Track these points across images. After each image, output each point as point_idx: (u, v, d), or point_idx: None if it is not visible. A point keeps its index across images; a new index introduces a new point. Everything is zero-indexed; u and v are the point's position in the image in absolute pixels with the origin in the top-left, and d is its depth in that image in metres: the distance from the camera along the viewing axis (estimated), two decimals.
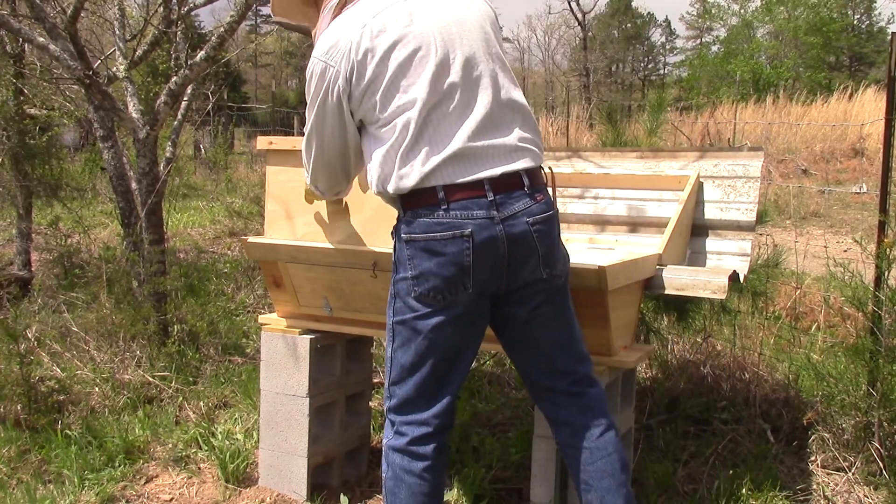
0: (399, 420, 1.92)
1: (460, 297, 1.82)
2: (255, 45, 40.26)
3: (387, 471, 1.93)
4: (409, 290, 1.83)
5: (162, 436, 3.16)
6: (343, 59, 1.81)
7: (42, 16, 3.95)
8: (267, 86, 34.18)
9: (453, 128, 1.80)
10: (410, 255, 1.82)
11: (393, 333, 1.90)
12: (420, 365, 1.87)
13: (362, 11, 1.84)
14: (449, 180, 1.77)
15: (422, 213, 1.79)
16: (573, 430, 1.97)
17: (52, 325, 4.13)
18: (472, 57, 1.84)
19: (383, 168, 1.82)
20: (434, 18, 1.84)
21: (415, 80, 1.79)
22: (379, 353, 3.83)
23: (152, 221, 4.13)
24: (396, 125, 1.79)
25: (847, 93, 16.02)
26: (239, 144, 17.78)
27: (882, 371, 2.72)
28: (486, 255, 1.79)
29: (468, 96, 1.82)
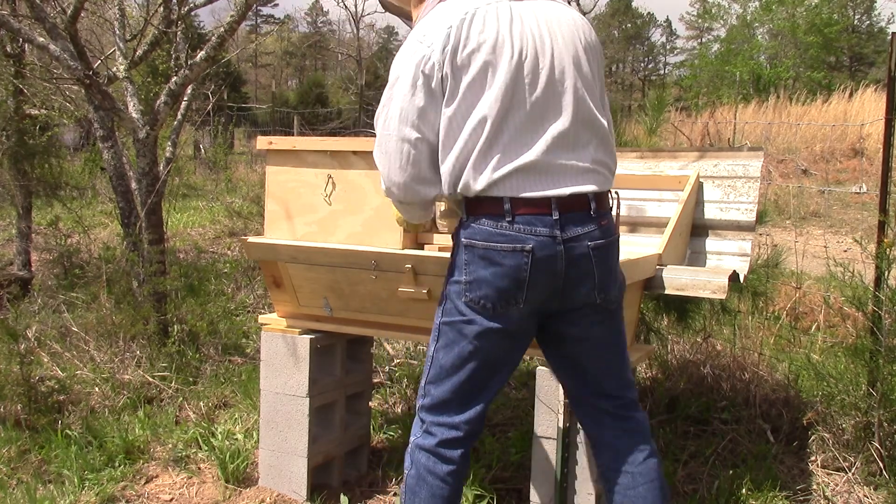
0: (430, 420, 1.90)
1: (511, 311, 1.80)
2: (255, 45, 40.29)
3: (410, 468, 1.92)
4: (460, 293, 1.82)
5: (162, 436, 3.16)
6: (439, 42, 1.77)
7: (42, 16, 3.95)
8: (267, 86, 34.19)
9: (529, 138, 1.77)
10: (467, 261, 1.80)
11: (438, 333, 1.88)
12: (459, 368, 1.86)
13: (467, 2, 1.82)
14: (517, 192, 1.75)
15: (485, 221, 1.77)
16: (616, 454, 1.95)
17: (52, 325, 4.14)
18: (560, 71, 1.81)
19: (455, 167, 1.79)
20: (534, 26, 1.82)
21: (500, 82, 1.76)
22: (379, 353, 3.83)
23: (152, 221, 4.13)
24: (473, 123, 1.77)
25: (847, 93, 16.01)
26: (239, 144, 17.80)
27: (882, 371, 2.72)
28: (543, 273, 1.77)
29: (548, 109, 1.78)
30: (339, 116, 23.03)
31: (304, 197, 2.55)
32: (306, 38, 51.04)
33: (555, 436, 2.29)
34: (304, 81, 37.05)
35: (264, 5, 49.42)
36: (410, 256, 2.38)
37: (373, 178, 2.43)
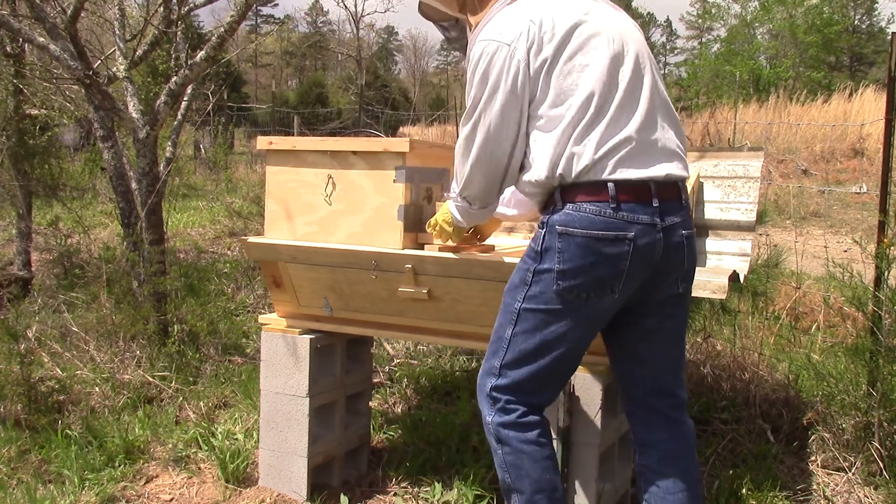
0: (506, 398, 1.90)
1: (604, 300, 1.79)
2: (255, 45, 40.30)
3: (501, 448, 1.90)
4: (551, 282, 1.80)
5: (162, 436, 3.16)
6: (521, 36, 1.79)
7: (42, 16, 3.95)
8: (267, 86, 34.20)
9: (627, 114, 1.79)
10: (562, 248, 1.78)
11: (517, 317, 1.87)
12: (541, 355, 1.85)
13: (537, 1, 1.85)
14: (618, 172, 1.75)
15: (587, 208, 1.75)
16: (661, 456, 1.95)
17: (52, 325, 4.14)
18: (639, 55, 1.85)
19: (556, 149, 1.78)
20: (608, 15, 1.88)
21: (593, 61, 1.78)
22: (379, 353, 3.83)
23: (152, 221, 4.13)
24: (573, 103, 1.76)
25: (847, 93, 16.02)
26: (239, 144, 17.79)
27: (882, 371, 2.72)
28: (642, 262, 1.77)
29: (635, 89, 1.81)
30: (339, 116, 23.03)
31: (304, 197, 2.55)
32: (306, 38, 51.06)
33: (555, 436, 2.29)
34: (304, 81, 37.07)
35: (264, 5, 49.44)
36: (410, 256, 2.38)
37: (373, 178, 2.44)
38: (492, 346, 1.94)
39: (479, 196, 1.97)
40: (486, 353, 1.96)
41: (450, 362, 3.89)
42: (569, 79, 1.78)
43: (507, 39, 1.80)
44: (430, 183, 2.52)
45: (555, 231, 1.79)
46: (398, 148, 2.40)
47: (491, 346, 1.94)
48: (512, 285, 1.90)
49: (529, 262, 1.86)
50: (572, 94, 1.77)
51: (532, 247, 1.87)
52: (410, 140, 2.41)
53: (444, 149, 2.66)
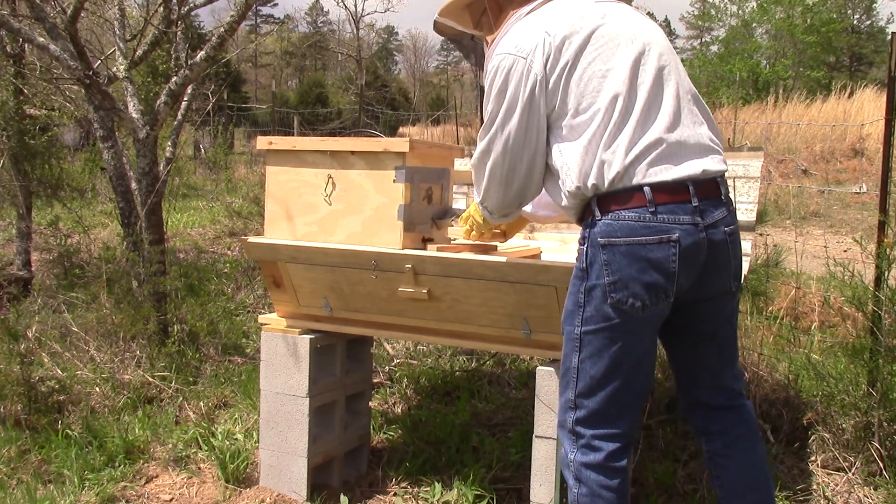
0: (590, 434, 1.84)
1: (660, 306, 1.77)
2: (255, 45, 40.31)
3: (579, 487, 1.86)
4: (604, 297, 1.76)
5: (162, 436, 3.16)
6: (537, 49, 1.77)
7: (42, 16, 3.95)
8: (267, 86, 34.21)
9: (650, 116, 1.76)
10: (607, 261, 1.74)
11: (581, 343, 1.82)
12: (614, 376, 1.80)
13: (553, 11, 1.84)
14: (652, 175, 1.72)
15: (626, 216, 1.73)
16: (728, 440, 1.94)
17: (52, 325, 4.13)
18: (661, 54, 1.83)
19: (585, 159, 1.75)
20: (626, 18, 1.86)
21: (614, 65, 1.76)
22: (379, 353, 3.83)
23: (152, 221, 4.13)
24: (597, 109, 1.74)
25: (847, 92, 16.02)
26: (239, 144, 17.79)
27: (882, 371, 2.72)
28: (689, 263, 1.75)
29: (659, 88, 1.79)
30: (339, 116, 23.03)
31: (304, 197, 2.55)
32: (306, 38, 51.06)
33: (555, 436, 2.29)
34: (304, 81, 37.08)
35: (264, 5, 49.45)
36: (410, 256, 2.38)
37: (373, 178, 2.44)
38: (562, 379, 1.89)
39: (498, 208, 1.97)
40: (559, 388, 1.92)
41: (450, 362, 3.89)
42: (590, 85, 1.76)
43: (523, 53, 1.79)
44: (430, 183, 2.52)
45: (597, 244, 1.76)
46: (398, 148, 2.40)
47: (562, 380, 1.89)
48: (567, 312, 1.86)
49: (578, 283, 1.82)
50: (595, 100, 1.75)
51: (577, 266, 1.83)
52: (410, 140, 2.41)
53: (443, 149, 2.66)
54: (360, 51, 43.13)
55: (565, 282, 2.19)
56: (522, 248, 2.65)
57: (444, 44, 58.70)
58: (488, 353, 3.82)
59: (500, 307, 2.34)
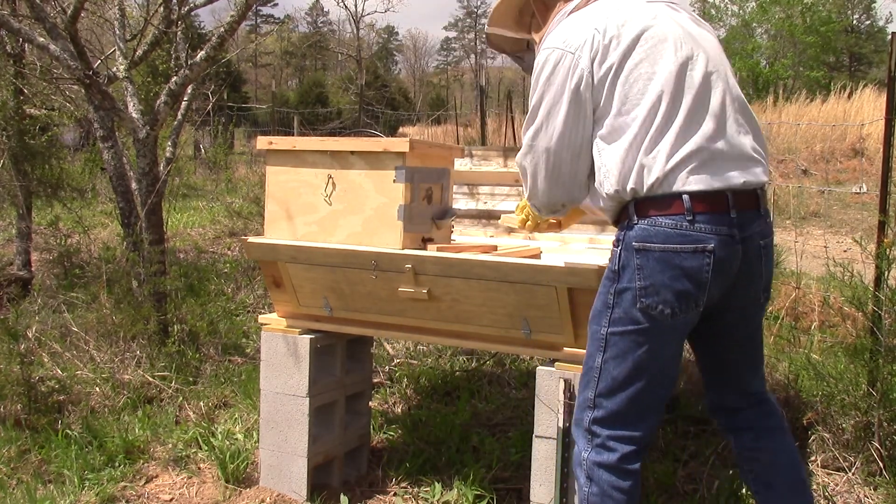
0: (606, 434, 1.84)
1: (690, 314, 1.77)
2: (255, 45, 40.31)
3: (590, 486, 1.86)
4: (633, 300, 1.76)
5: (162, 436, 3.16)
6: (585, 45, 1.75)
7: (42, 16, 3.95)
8: (267, 86, 34.21)
9: (698, 121, 1.74)
10: (640, 265, 1.74)
11: (606, 343, 1.82)
12: (636, 379, 1.80)
13: (603, 8, 1.82)
14: (692, 184, 1.70)
15: (662, 222, 1.71)
16: (757, 434, 1.95)
17: (52, 325, 4.13)
18: (710, 58, 1.80)
19: (625, 162, 1.74)
20: (677, 20, 1.83)
21: (661, 68, 1.74)
22: (379, 353, 3.83)
23: (152, 221, 4.13)
24: (639, 112, 1.72)
25: (846, 92, 16.02)
26: (239, 144, 17.79)
27: (882, 371, 2.72)
28: (722, 273, 1.74)
29: (705, 94, 1.76)
30: (339, 116, 23.03)
31: (304, 197, 2.55)
32: (306, 38, 51.06)
33: (555, 436, 2.29)
34: (304, 81, 37.08)
35: (264, 5, 49.44)
36: (410, 256, 2.38)
37: (373, 178, 2.44)
38: (583, 377, 1.89)
39: (546, 205, 1.95)
40: (579, 385, 1.92)
41: (450, 362, 3.89)
42: (635, 87, 1.74)
43: (571, 48, 1.77)
44: (430, 183, 2.52)
45: (631, 248, 1.75)
46: (398, 148, 2.40)
47: (583, 378, 1.89)
48: (595, 312, 1.86)
49: (608, 284, 1.82)
50: (639, 103, 1.73)
51: (609, 267, 1.82)
52: (410, 140, 2.41)
53: (443, 149, 2.66)
54: (360, 51, 43.13)
55: (565, 282, 2.20)
56: (522, 248, 2.65)
57: (444, 44, 58.75)
58: (488, 353, 3.82)
59: (500, 307, 2.34)
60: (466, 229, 3.17)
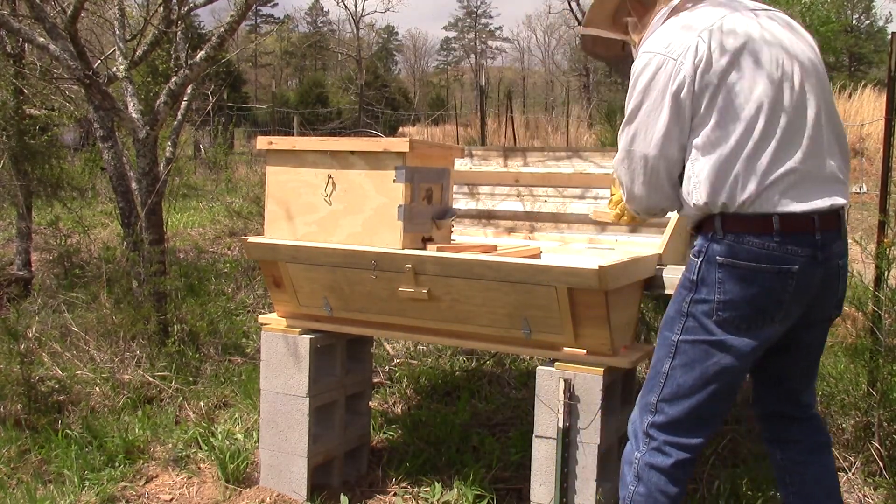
0: (663, 438, 1.86)
1: (765, 330, 1.77)
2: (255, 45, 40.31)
3: (637, 485, 1.88)
4: (710, 312, 1.76)
5: (162, 436, 3.16)
6: (689, 52, 1.73)
7: (42, 16, 3.95)
8: (267, 86, 34.21)
9: (792, 140, 1.73)
10: (721, 279, 1.74)
11: (675, 350, 1.83)
12: (701, 389, 1.81)
13: (706, 14, 1.80)
14: (783, 206, 1.70)
15: (750, 241, 1.71)
16: (805, 448, 1.97)
17: (52, 325, 4.13)
18: (808, 76, 1.78)
19: (718, 175, 1.72)
20: (780, 31, 1.81)
21: (759, 85, 1.72)
22: (379, 353, 3.83)
23: (152, 221, 4.13)
24: (737, 128, 1.71)
25: (846, 92, 16.01)
26: (239, 144, 17.79)
27: (882, 371, 2.72)
28: (802, 294, 1.75)
29: (802, 113, 1.75)
30: (339, 116, 23.03)
31: (304, 197, 2.55)
32: (306, 38, 51.06)
33: (555, 436, 2.29)
34: (304, 81, 37.07)
35: (264, 5, 49.45)
36: (410, 256, 2.38)
37: (373, 178, 2.44)
38: (648, 381, 1.89)
39: (644, 209, 1.92)
40: (643, 388, 1.92)
41: (450, 362, 3.89)
42: (736, 101, 1.72)
43: (673, 54, 1.75)
44: (430, 183, 2.52)
45: (714, 261, 1.75)
46: (398, 148, 2.40)
47: (648, 382, 1.90)
48: (668, 318, 1.86)
49: (684, 293, 1.82)
50: (738, 117, 1.72)
51: (686, 276, 1.82)
52: (410, 140, 2.41)
53: (443, 149, 2.66)
54: (360, 51, 43.14)
55: (565, 282, 2.20)
56: (522, 248, 2.65)
57: (444, 44, 58.76)
58: (488, 353, 3.82)
59: (500, 307, 2.34)
60: (466, 229, 3.17)
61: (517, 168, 3.20)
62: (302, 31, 52.53)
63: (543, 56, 54.28)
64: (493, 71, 44.20)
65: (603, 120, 14.03)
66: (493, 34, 58.48)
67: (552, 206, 3.07)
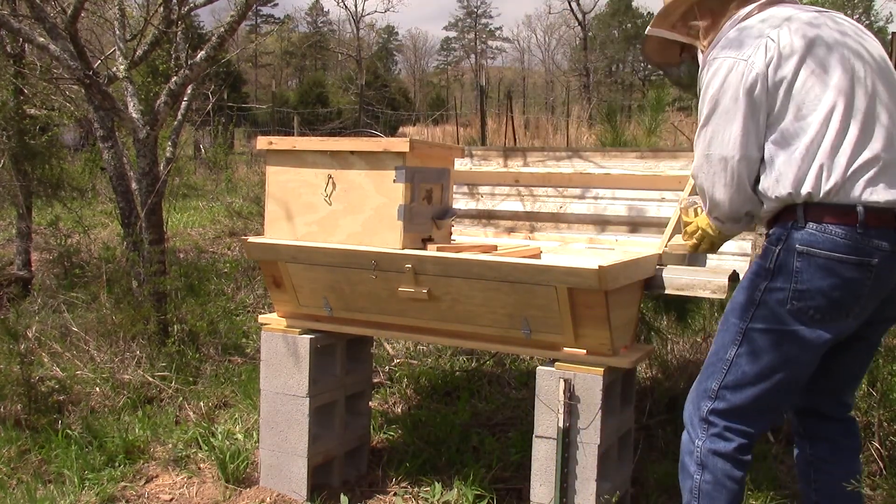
0: (724, 424, 1.86)
1: (839, 323, 1.76)
2: (255, 45, 40.29)
3: (702, 474, 1.88)
4: (784, 301, 1.76)
5: (162, 436, 3.16)
6: (759, 51, 1.76)
7: (42, 16, 3.95)
8: (267, 86, 34.21)
9: (868, 132, 1.73)
10: (800, 269, 1.73)
11: (743, 337, 1.83)
12: (766, 378, 1.81)
13: (774, 17, 1.82)
14: (868, 198, 1.70)
15: (833, 230, 1.71)
16: (836, 448, 1.98)
17: (52, 325, 4.13)
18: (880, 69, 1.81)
19: (800, 166, 1.73)
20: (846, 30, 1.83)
21: (834, 78, 1.74)
22: (379, 353, 3.83)
23: (152, 221, 4.13)
24: (815, 119, 1.73)
25: None
26: (239, 144, 17.79)
27: (882, 371, 2.72)
28: (880, 287, 1.75)
29: (876, 104, 1.77)
30: (339, 116, 23.03)
31: (304, 197, 2.55)
32: (306, 38, 51.05)
33: (555, 436, 2.29)
34: (304, 81, 37.06)
35: (264, 5, 49.44)
36: (410, 256, 2.38)
37: (373, 178, 2.44)
38: (709, 367, 1.89)
39: (727, 213, 1.90)
40: (700, 373, 1.91)
41: (450, 362, 3.89)
42: (810, 94, 1.74)
43: (743, 56, 1.78)
44: (430, 183, 2.52)
45: (793, 250, 1.74)
46: (398, 148, 2.40)
47: (708, 368, 1.89)
48: (736, 304, 1.85)
49: (758, 280, 1.81)
50: (815, 108, 1.73)
51: (761, 264, 1.81)
52: (410, 140, 2.41)
53: (443, 149, 2.66)
54: (360, 51, 43.14)
55: (565, 282, 2.20)
56: (522, 248, 2.65)
57: (444, 44, 58.74)
58: (488, 353, 3.81)
59: (500, 307, 2.34)
60: (466, 229, 3.17)
61: (517, 168, 3.20)
62: (302, 31, 52.53)
63: (543, 56, 54.31)
64: (493, 71, 44.23)
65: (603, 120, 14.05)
66: (493, 34, 58.50)
67: (552, 206, 3.07)
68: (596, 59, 43.18)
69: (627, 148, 3.19)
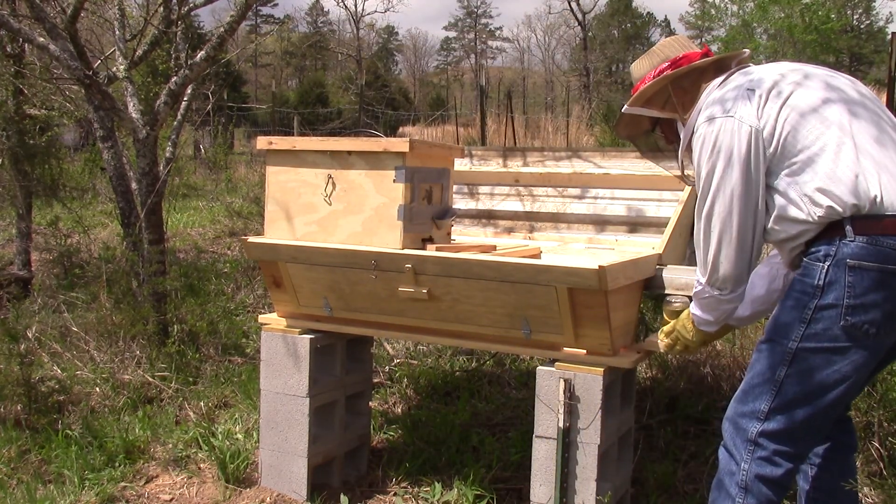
0: (773, 448, 1.82)
1: (892, 335, 1.75)
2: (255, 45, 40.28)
3: (745, 498, 1.84)
4: (837, 318, 1.72)
5: (162, 436, 3.16)
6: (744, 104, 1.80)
7: (42, 16, 3.95)
8: (267, 86, 34.21)
9: (883, 143, 1.75)
10: (852, 283, 1.70)
11: (793, 357, 1.78)
12: (817, 398, 1.78)
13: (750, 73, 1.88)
14: None
15: (884, 242, 1.68)
16: (832, 446, 2.01)
17: (52, 325, 4.13)
18: (870, 99, 1.85)
19: (832, 178, 1.71)
20: (826, 75, 1.88)
21: (830, 108, 1.78)
22: (379, 353, 3.83)
23: (152, 221, 4.13)
24: (829, 138, 1.74)
25: None
26: (239, 144, 17.79)
27: (882, 371, 2.71)
28: None
29: (879, 122, 1.79)
30: (339, 116, 23.03)
31: (304, 197, 2.55)
32: (306, 38, 51.04)
33: (555, 436, 2.29)
34: (304, 81, 37.06)
35: (264, 5, 49.44)
36: (410, 256, 2.38)
37: (373, 178, 2.44)
38: (755, 388, 1.85)
39: (732, 275, 1.87)
40: (744, 393, 1.88)
41: (450, 362, 3.89)
42: (812, 118, 1.76)
43: (730, 112, 1.80)
44: (430, 183, 2.52)
45: (843, 264, 1.71)
46: (398, 148, 2.40)
47: (755, 388, 1.85)
48: (782, 324, 1.81)
49: (806, 299, 1.77)
50: (824, 131, 1.75)
51: (807, 282, 1.77)
52: (410, 140, 2.41)
53: (443, 149, 2.66)
54: (360, 51, 43.16)
55: (565, 282, 2.20)
56: (522, 248, 2.65)
57: (444, 44, 58.76)
58: (488, 353, 3.81)
59: (500, 307, 2.34)
60: (466, 229, 3.17)
61: (517, 168, 3.20)
62: (302, 31, 52.52)
63: (543, 56, 54.30)
64: (493, 71, 44.22)
65: (602, 120, 14.03)
66: (493, 34, 58.50)
67: (552, 206, 3.07)
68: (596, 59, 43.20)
69: (627, 148, 3.19)
